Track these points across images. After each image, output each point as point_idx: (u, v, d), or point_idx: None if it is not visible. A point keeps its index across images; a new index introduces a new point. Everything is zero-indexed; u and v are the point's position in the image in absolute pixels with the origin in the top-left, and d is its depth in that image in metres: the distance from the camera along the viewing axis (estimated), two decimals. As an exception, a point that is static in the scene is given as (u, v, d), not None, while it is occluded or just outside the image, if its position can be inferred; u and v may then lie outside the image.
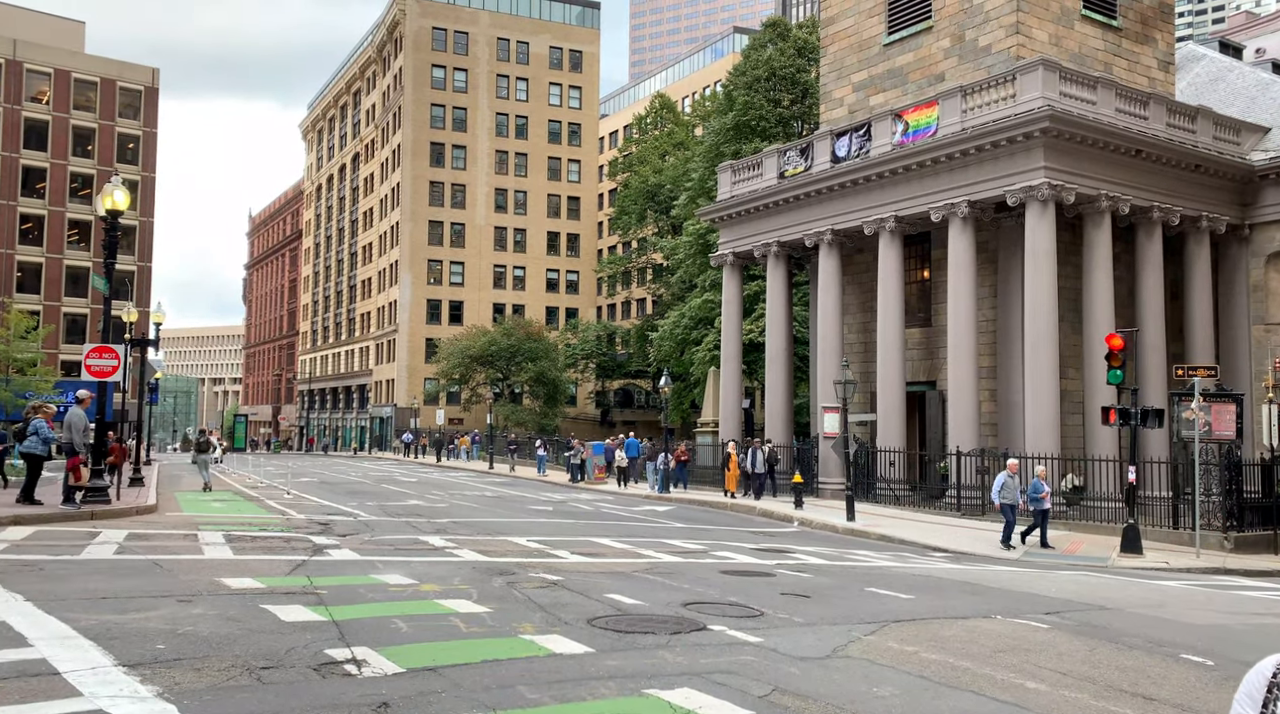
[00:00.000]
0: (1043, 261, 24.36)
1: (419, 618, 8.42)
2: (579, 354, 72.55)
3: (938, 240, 29.41)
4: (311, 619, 8.14)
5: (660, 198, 63.16)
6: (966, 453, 24.99)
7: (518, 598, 9.77)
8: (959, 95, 26.28)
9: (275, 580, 10.19)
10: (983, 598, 11.77)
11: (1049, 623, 9.92)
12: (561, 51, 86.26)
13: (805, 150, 31.42)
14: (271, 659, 6.70)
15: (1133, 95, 26.62)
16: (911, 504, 26.90)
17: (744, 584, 11.71)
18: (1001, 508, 18.94)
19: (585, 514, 23.36)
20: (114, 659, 6.46)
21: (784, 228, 31.98)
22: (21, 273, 72.42)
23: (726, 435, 34.28)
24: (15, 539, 12.62)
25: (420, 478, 38.58)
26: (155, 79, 79.74)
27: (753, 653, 7.69)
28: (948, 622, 9.71)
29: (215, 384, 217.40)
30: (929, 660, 7.74)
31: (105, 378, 16.84)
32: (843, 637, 8.53)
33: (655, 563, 13.50)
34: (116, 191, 16.34)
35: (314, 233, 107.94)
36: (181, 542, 13.58)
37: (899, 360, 28.10)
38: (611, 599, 9.89)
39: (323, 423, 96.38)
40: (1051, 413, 24.25)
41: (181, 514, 18.55)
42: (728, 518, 24.73)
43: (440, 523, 18.74)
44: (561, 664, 6.97)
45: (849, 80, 32.71)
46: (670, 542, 16.97)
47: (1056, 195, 24.37)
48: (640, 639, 7.95)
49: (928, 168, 26.88)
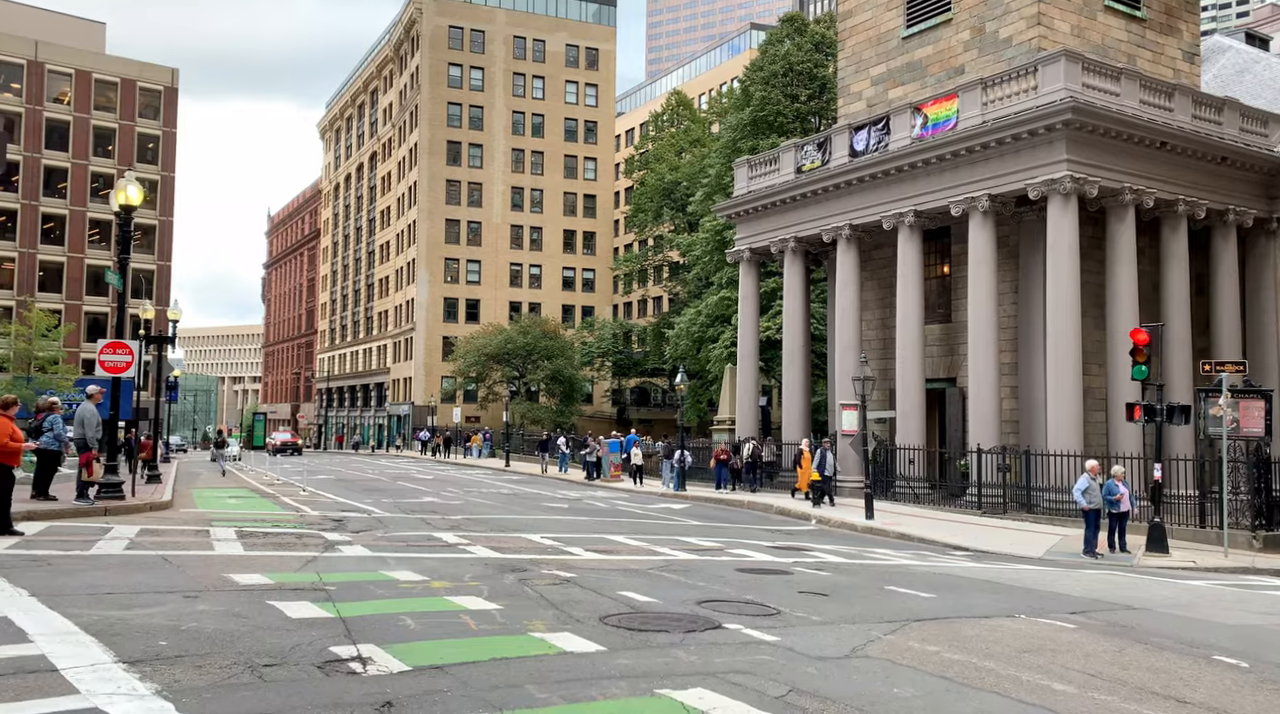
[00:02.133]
0: (1065, 256, 23.94)
1: (428, 615, 8.26)
2: (595, 352, 72.43)
3: (957, 235, 29.01)
4: (318, 616, 7.99)
5: (676, 195, 62.89)
6: (988, 450, 24.61)
7: (529, 595, 9.59)
8: (979, 88, 25.89)
9: (284, 576, 10.06)
10: (1005, 597, 11.48)
11: (1075, 623, 9.63)
12: (578, 49, 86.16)
13: (823, 145, 31.09)
14: (275, 656, 6.54)
15: (1157, 87, 26.13)
16: (931, 502, 26.55)
17: (761, 582, 11.49)
18: (1086, 513, 18.24)
19: (601, 511, 23.19)
20: (114, 656, 6.32)
21: (801, 223, 31.66)
22: (44, 272, 73.18)
23: (743, 433, 34.00)
24: (27, 534, 12.57)
25: (437, 475, 38.55)
26: (175, 79, 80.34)
27: (769, 652, 7.47)
28: (970, 621, 9.44)
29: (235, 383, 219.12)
30: (951, 660, 7.49)
31: (119, 373, 16.81)
32: (862, 636, 8.29)
33: (670, 560, 13.29)
34: (130, 186, 16.30)
35: (332, 232, 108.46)
36: (193, 538, 13.50)
37: (918, 357, 27.73)
38: (625, 597, 9.69)
39: (340, 421, 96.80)
40: (1074, 410, 23.84)
41: (196, 510, 18.52)
42: (745, 516, 24.48)
43: (454, 520, 18.61)
44: (572, 663, 6.77)
45: (867, 74, 32.34)
46: (686, 539, 16.76)
47: (1079, 188, 23.94)
48: (654, 638, 7.75)
49: (947, 161, 26.50)
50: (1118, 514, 18.60)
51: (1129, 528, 18.96)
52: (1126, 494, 18.64)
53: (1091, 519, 18.38)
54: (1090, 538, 18.42)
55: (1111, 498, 18.38)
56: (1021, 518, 23.67)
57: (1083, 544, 18.52)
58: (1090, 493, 18.49)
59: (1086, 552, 18.30)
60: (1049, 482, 23.54)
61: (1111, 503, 18.43)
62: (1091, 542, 18.38)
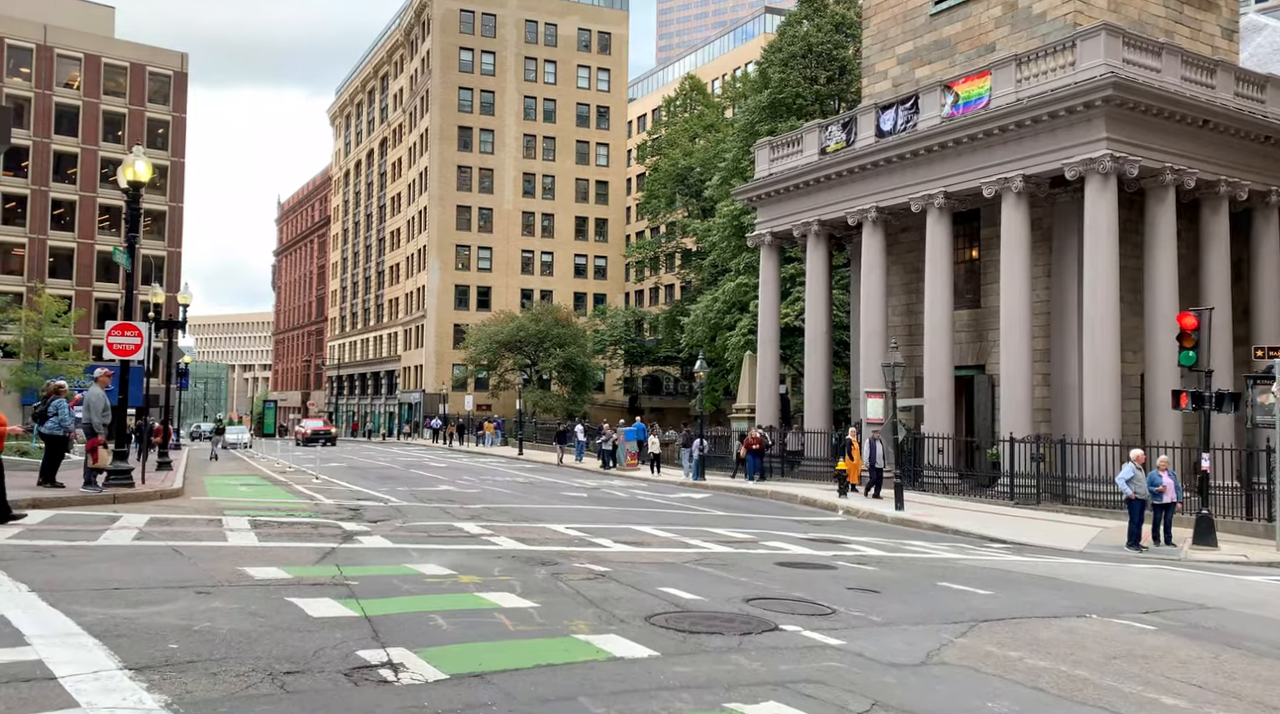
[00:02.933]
0: (1104, 238, 23.10)
1: (460, 614, 7.60)
2: (607, 340, 71.72)
3: (987, 218, 28.17)
4: (342, 614, 7.34)
5: (690, 181, 62.00)
6: (1021, 439, 23.85)
7: (565, 591, 8.93)
8: (1013, 64, 25.00)
9: (302, 570, 9.43)
10: (1066, 594, 10.77)
11: (1153, 624, 8.92)
12: (590, 33, 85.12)
13: (848, 125, 30.23)
14: (297, 662, 5.89)
15: (1199, 63, 25.20)
16: (960, 493, 25.82)
17: (805, 577, 10.82)
18: (1129, 503, 17.55)
19: (621, 501, 22.57)
20: (119, 661, 5.68)
21: (825, 206, 30.84)
22: (54, 258, 72.82)
23: (763, 421, 33.30)
24: (31, 523, 11.98)
25: (450, 463, 37.99)
26: (184, 64, 79.69)
27: (836, 657, 6.79)
28: (1040, 622, 8.75)
29: (245, 371, 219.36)
30: (1038, 668, 6.80)
31: (128, 357, 16.19)
32: (932, 639, 7.61)
33: (705, 553, 12.63)
34: (138, 162, 15.64)
35: (342, 218, 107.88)
36: (205, 527, 12.89)
37: (947, 343, 26.95)
38: (667, 593, 9.02)
39: (351, 409, 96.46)
40: (1112, 398, 23.04)
41: (207, 498, 17.95)
42: (768, 506, 23.82)
43: (474, 509, 17.99)
44: (625, 670, 6.10)
45: (893, 53, 31.44)
46: (715, 530, 16.12)
47: (1119, 168, 23.07)
48: (708, 640, 7.08)
49: (980, 141, 25.63)
50: (1162, 505, 17.87)
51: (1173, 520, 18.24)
52: (1172, 485, 17.88)
53: (1136, 510, 17.67)
54: (1134, 530, 17.71)
55: (1155, 488, 17.64)
56: (1056, 509, 22.93)
57: (1126, 536, 17.81)
58: (1135, 483, 17.75)
59: (1130, 544, 17.59)
60: (1085, 472, 22.79)
61: (1155, 494, 17.70)
62: (1135, 534, 17.67)
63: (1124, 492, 17.82)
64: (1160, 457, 18.27)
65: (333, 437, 59.51)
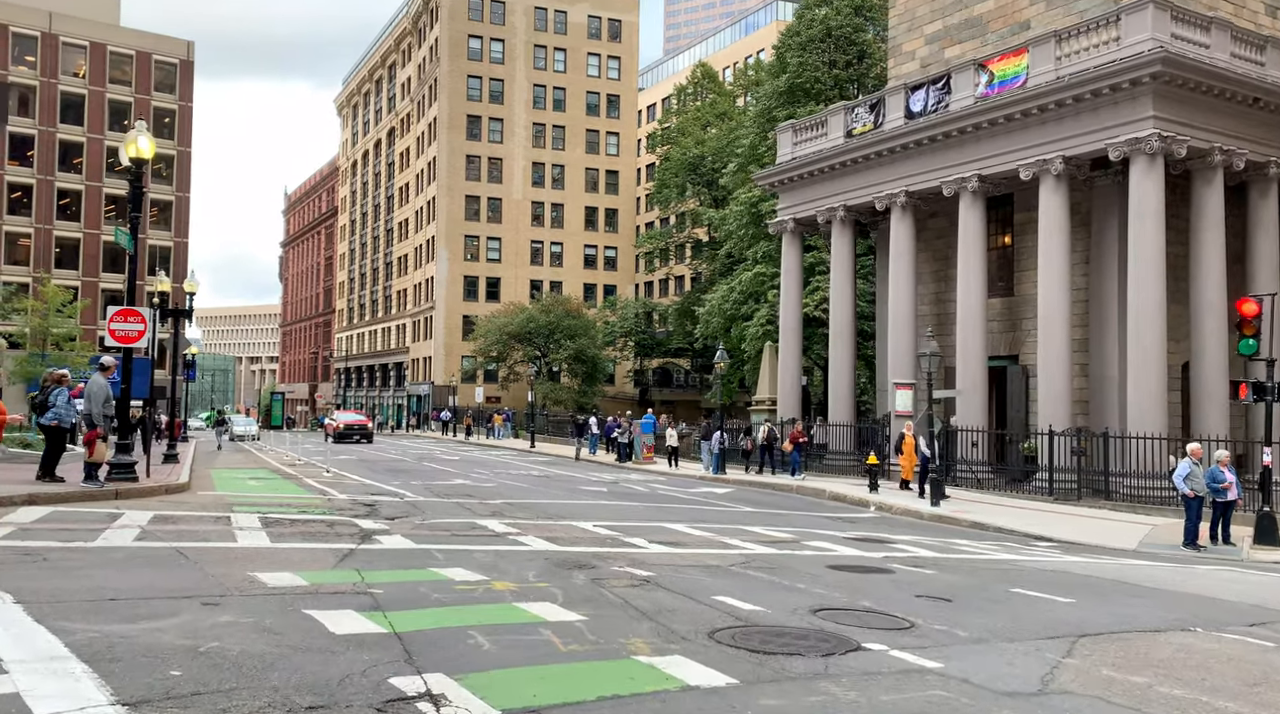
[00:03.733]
0: (1150, 222, 22.06)
1: (500, 630, 6.70)
2: (618, 332, 70.76)
3: (1020, 203, 27.14)
4: (368, 631, 6.45)
5: (702, 170, 60.91)
6: (1061, 432, 22.86)
7: (611, 601, 8.02)
8: (1052, 41, 23.93)
9: (320, 575, 8.54)
10: (1154, 602, 9.83)
11: (1271, 640, 7.98)
12: (600, 20, 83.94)
13: (875, 106, 29.18)
14: (321, 693, 5.00)
15: (1249, 39, 24.10)
16: (994, 487, 24.86)
17: (865, 583, 9.91)
18: (1185, 500, 16.60)
19: (642, 496, 21.69)
20: (111, 694, 4.80)
21: (851, 191, 29.81)
22: (60, 249, 72.12)
23: (785, 414, 32.36)
24: (25, 521, 11.11)
25: (462, 456, 37.15)
26: (190, 52, 78.79)
27: (939, 684, 5.88)
28: (1144, 637, 7.82)
29: (253, 363, 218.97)
30: (1176, 699, 5.87)
31: (130, 344, 15.32)
32: (1036, 660, 6.69)
33: (748, 555, 11.72)
34: (140, 137, 14.74)
35: (349, 209, 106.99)
36: (212, 526, 12.02)
37: (980, 332, 25.96)
38: (723, 603, 8.12)
39: (359, 401, 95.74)
40: (1158, 389, 22.04)
41: (215, 493, 17.09)
42: (795, 501, 22.91)
43: (494, 505, 17.12)
44: (705, 704, 5.20)
45: (921, 32, 30.36)
46: (750, 529, 15.22)
47: (1167, 148, 22.01)
48: (789, 664, 6.17)
49: (1016, 121, 24.59)
50: (1223, 503, 16.92)
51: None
52: (1233, 481, 16.93)
53: (1193, 508, 16.72)
54: (1191, 528, 16.74)
55: (1220, 485, 16.68)
56: (1098, 505, 21.97)
57: (1182, 535, 16.87)
58: (1192, 479, 16.81)
59: (1187, 543, 16.64)
60: (1128, 466, 21.81)
61: (1219, 491, 16.74)
62: (1193, 532, 16.71)
63: (1181, 489, 16.88)
64: (1221, 452, 17.26)
65: (369, 432, 49.99)
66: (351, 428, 48.65)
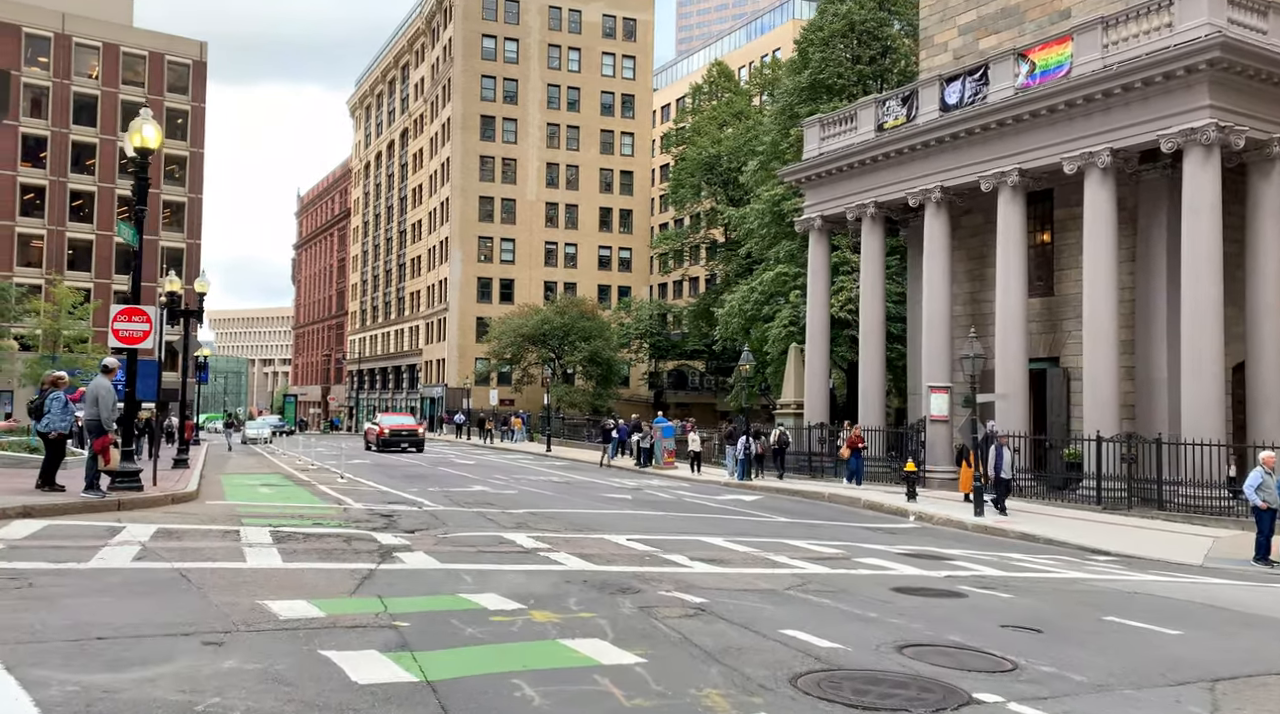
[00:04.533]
0: (1205, 217, 20.94)
1: (548, 676, 5.73)
2: (633, 334, 69.80)
3: (1061, 198, 26.03)
4: (396, 679, 5.49)
5: (719, 169, 59.92)
6: (1109, 438, 21.74)
7: (668, 636, 7.04)
8: (1099, 28, 22.83)
9: (337, 604, 7.59)
10: (1271, 634, 8.79)
11: None
12: (615, 20, 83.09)
13: (907, 99, 28.12)
14: (342, 773, 4.04)
15: (1307, 25, 22.92)
16: (1036, 496, 23.76)
17: (940, 610, 8.90)
18: (1256, 512, 15.53)
19: (669, 504, 20.72)
20: (83, 778, 3.85)
21: (883, 187, 28.75)
22: (73, 250, 71.70)
23: (812, 417, 31.33)
24: (16, 537, 10.21)
25: (478, 460, 36.25)
26: (203, 53, 78.35)
27: (1083, 752, 4.87)
28: (1284, 680, 6.79)
29: (265, 365, 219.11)
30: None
31: (135, 344, 14.45)
32: (1180, 715, 5.67)
33: (802, 575, 10.72)
34: (145, 125, 13.87)
35: (362, 211, 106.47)
36: (219, 542, 11.09)
37: (1021, 333, 24.87)
38: (795, 639, 7.13)
39: (372, 403, 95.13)
40: (1215, 393, 20.91)
41: (224, 503, 16.19)
42: (829, 510, 21.89)
43: (517, 515, 16.17)
44: (816, 787, 4.21)
45: (954, 23, 29.30)
46: (793, 542, 14.22)
47: (1224, 139, 20.89)
48: (898, 725, 5.18)
49: (1060, 113, 23.50)
50: None
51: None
52: None
53: (1266, 521, 15.63)
54: (1263, 541, 15.64)
55: None
56: (1150, 515, 20.85)
57: (1254, 549, 15.77)
58: (1265, 490, 15.70)
59: (1259, 558, 15.55)
60: (1183, 475, 20.68)
61: None
62: (1265, 546, 15.61)
63: (1252, 500, 15.79)
64: (1292, 459, 16.12)
65: (420, 440, 41.59)
66: (399, 434, 40.90)
